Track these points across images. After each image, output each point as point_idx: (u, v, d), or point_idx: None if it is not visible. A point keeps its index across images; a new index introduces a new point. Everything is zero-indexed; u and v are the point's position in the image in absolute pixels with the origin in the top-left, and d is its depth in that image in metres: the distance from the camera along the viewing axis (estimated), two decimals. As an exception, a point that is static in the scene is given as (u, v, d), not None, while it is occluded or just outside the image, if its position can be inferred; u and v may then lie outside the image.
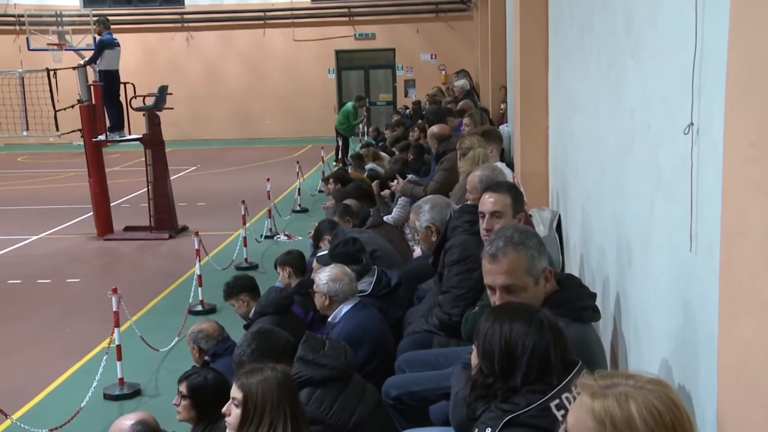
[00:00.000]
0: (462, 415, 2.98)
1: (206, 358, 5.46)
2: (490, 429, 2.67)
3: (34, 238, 13.74)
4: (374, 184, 9.56)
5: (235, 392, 3.43)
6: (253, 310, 6.02)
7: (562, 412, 2.01)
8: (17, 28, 23.64)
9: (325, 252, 6.22)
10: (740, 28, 1.94)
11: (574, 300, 3.38)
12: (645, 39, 3.57)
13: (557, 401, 2.04)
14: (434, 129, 9.03)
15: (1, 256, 12.53)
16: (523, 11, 7.92)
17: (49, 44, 15.96)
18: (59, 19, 17.14)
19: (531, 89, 7.89)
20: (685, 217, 2.78)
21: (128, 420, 3.91)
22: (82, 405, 6.47)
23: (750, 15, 1.86)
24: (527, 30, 7.87)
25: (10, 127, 16.00)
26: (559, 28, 7.03)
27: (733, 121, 2.01)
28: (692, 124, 2.70)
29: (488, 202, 4.30)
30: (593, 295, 3.52)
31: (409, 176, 9.32)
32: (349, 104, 20.66)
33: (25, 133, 15.01)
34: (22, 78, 14.74)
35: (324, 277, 5.14)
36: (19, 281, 11.00)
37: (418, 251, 7.27)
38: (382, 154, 13.19)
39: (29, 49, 16.32)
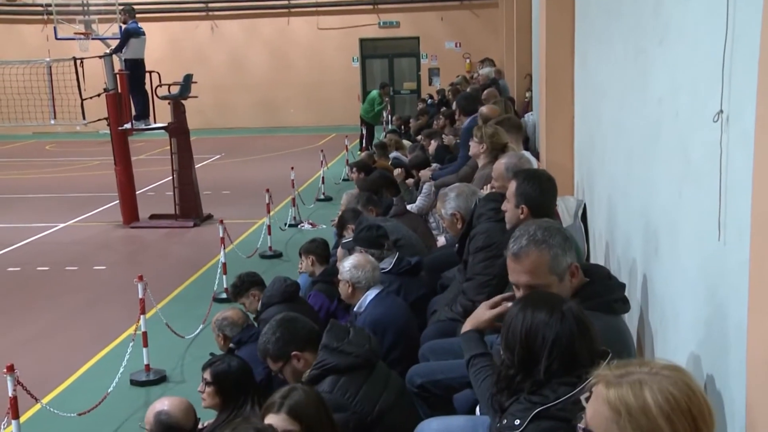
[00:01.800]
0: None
1: (231, 345, 5.49)
2: (519, 421, 2.66)
3: (62, 225, 13.86)
4: (397, 172, 9.54)
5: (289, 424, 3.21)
6: (260, 302, 6.05)
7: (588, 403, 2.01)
8: (45, 17, 23.78)
9: (350, 239, 6.24)
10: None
11: (604, 293, 3.34)
12: (674, 25, 3.53)
13: (588, 394, 2.03)
14: (483, 110, 8.94)
15: (29, 244, 12.65)
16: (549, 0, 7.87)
17: (75, 33, 16.06)
18: (86, 8, 17.25)
19: (557, 77, 7.84)
20: (714, 206, 2.75)
21: (161, 404, 3.95)
22: (109, 390, 6.52)
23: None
24: (553, 17, 7.80)
25: (38, 116, 16.14)
26: (585, 15, 6.97)
27: (766, 108, 1.98)
28: (722, 111, 2.67)
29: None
30: (622, 286, 3.49)
31: (433, 165, 9.30)
32: (374, 92, 20.66)
33: (52, 122, 15.10)
34: (50, 67, 14.82)
35: (347, 264, 5.17)
36: (47, 268, 11.11)
37: (442, 240, 7.27)
38: (405, 142, 13.17)
39: (56, 39, 16.44)
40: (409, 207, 8.46)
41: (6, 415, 5.23)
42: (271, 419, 3.16)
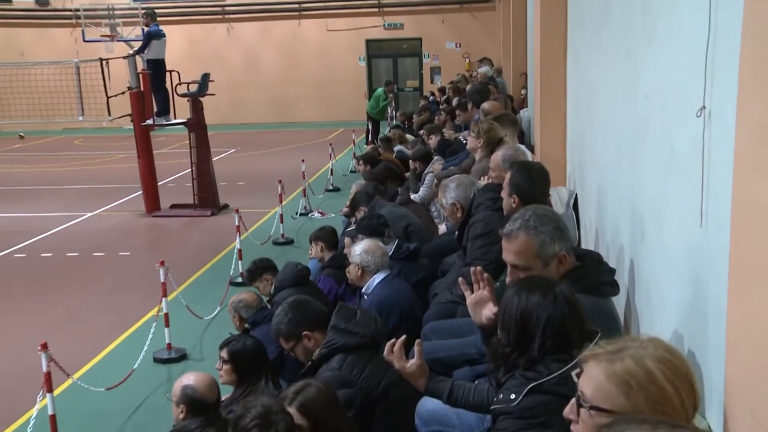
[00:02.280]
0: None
1: (246, 325, 5.51)
2: (514, 395, 2.68)
3: (89, 214, 13.90)
4: (413, 166, 9.55)
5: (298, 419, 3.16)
6: (273, 286, 6.06)
7: (579, 380, 2.01)
8: (74, 21, 23.80)
9: (353, 228, 6.26)
10: (755, 16, 1.91)
11: (593, 276, 3.33)
12: (660, 28, 3.53)
13: (579, 370, 2.03)
14: (485, 105, 8.93)
15: (60, 232, 12.69)
16: (543, 3, 7.84)
17: (102, 36, 16.12)
18: (111, 12, 17.31)
19: (550, 76, 7.82)
20: (697, 196, 2.76)
21: (187, 379, 3.95)
22: (134, 367, 6.57)
23: (764, 3, 1.83)
24: (547, 19, 7.78)
25: (68, 113, 16.18)
26: (578, 18, 6.95)
27: (746, 104, 1.98)
28: (704, 107, 2.67)
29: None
30: (612, 271, 3.49)
31: (436, 157, 9.29)
32: (380, 89, 20.63)
33: (80, 118, 15.16)
34: (78, 67, 14.87)
35: (358, 249, 5.19)
36: (76, 254, 11.15)
37: (443, 228, 7.27)
38: (408, 136, 13.16)
39: (84, 41, 16.50)
40: (412, 197, 8.47)
41: (41, 388, 5.26)
42: None
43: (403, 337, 3.40)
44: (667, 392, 1.86)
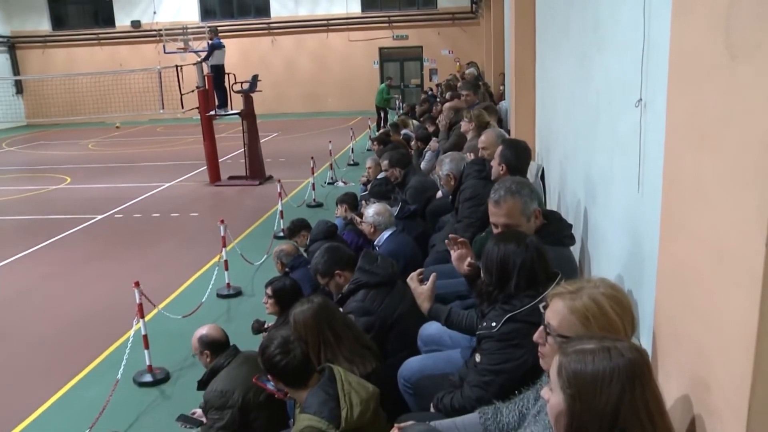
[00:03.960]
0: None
1: (286, 269, 5.52)
2: (495, 323, 2.68)
3: (167, 184, 13.94)
4: (415, 145, 9.49)
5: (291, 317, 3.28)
6: (308, 239, 6.07)
7: (546, 312, 2.03)
8: (157, 38, 24.12)
9: (367, 192, 6.21)
10: (679, 29, 1.89)
11: (558, 231, 3.34)
12: (608, 37, 3.49)
13: (544, 303, 2.05)
14: (449, 103, 8.88)
15: (146, 198, 12.75)
16: (516, 18, 7.74)
17: (177, 48, 16.25)
18: (185, 30, 17.39)
19: (522, 75, 7.74)
20: (635, 168, 2.75)
21: (199, 332, 3.85)
22: (202, 300, 6.64)
23: (686, 17, 1.81)
24: (519, 32, 7.69)
25: (152, 107, 16.24)
26: (543, 30, 6.86)
27: (673, 97, 1.97)
28: (641, 100, 2.65)
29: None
30: (570, 226, 3.49)
31: (433, 139, 9.24)
32: (382, 85, 20.62)
33: (161, 111, 15.24)
34: (160, 72, 14.95)
35: (371, 211, 5.15)
36: (158, 215, 11.22)
37: (439, 193, 7.25)
38: (412, 121, 13.05)
39: (165, 53, 16.61)
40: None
41: (136, 315, 5.35)
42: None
43: (421, 269, 3.45)
44: (614, 322, 1.88)
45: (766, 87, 1.26)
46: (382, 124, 19.43)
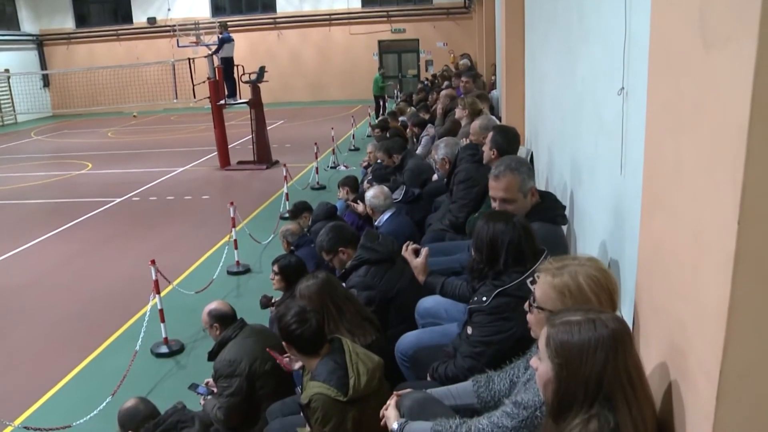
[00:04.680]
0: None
1: (291, 248, 5.52)
2: (485, 297, 2.67)
3: (181, 169, 13.92)
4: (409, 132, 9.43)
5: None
6: (310, 219, 6.06)
7: (534, 286, 2.04)
8: (171, 33, 24.06)
9: (369, 175, 6.20)
10: (658, 21, 1.88)
11: (551, 210, 3.33)
12: (592, 30, 3.46)
13: (531, 279, 2.05)
14: (444, 91, 8.82)
15: (162, 181, 12.74)
16: (507, 12, 7.67)
17: (190, 42, 16.20)
18: (197, 26, 17.35)
19: (513, 66, 7.69)
20: (618, 152, 2.74)
21: (208, 307, 3.84)
22: (213, 277, 6.67)
23: (664, 11, 1.80)
24: (510, 25, 7.62)
25: (166, 97, 16.20)
26: (532, 23, 6.79)
27: (653, 85, 1.96)
28: (623, 88, 2.64)
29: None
30: (564, 207, 3.47)
31: (429, 125, 9.19)
32: (377, 75, 20.62)
33: (175, 101, 15.22)
34: (173, 65, 14.93)
35: (369, 194, 5.12)
36: (172, 197, 11.21)
37: (435, 176, 7.23)
38: (409, 108, 12.98)
39: (178, 46, 16.55)
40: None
41: (152, 291, 5.37)
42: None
43: (415, 243, 3.45)
44: (590, 299, 1.89)
45: (737, 76, 1.26)
46: (381, 112, 19.35)
